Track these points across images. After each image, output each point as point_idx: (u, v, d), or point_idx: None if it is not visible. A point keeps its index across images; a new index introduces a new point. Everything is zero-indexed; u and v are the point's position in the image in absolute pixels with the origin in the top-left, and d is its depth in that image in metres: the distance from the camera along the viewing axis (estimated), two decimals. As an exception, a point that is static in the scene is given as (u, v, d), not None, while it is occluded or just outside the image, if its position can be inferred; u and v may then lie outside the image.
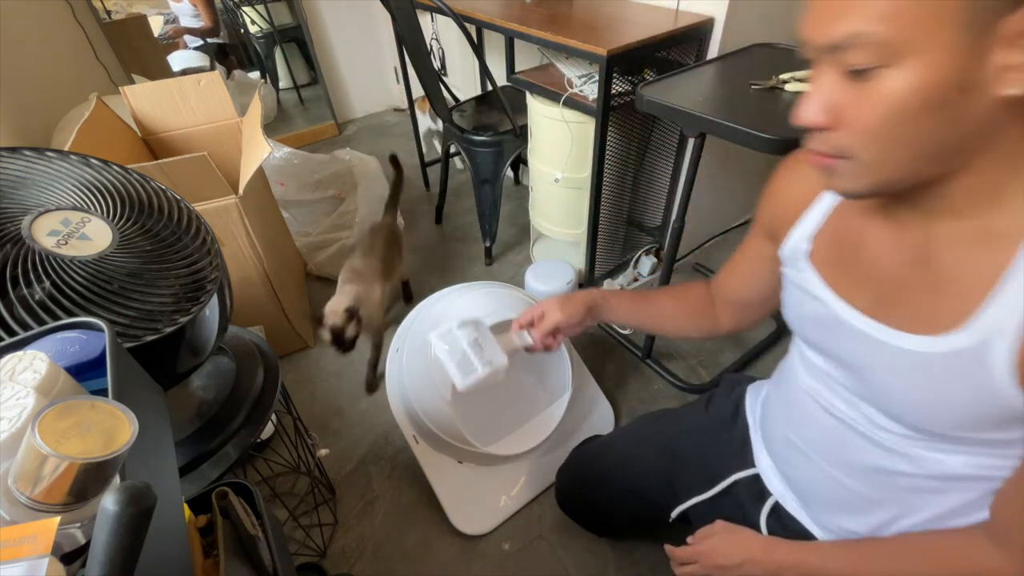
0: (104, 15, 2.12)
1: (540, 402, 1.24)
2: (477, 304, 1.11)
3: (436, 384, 1.05)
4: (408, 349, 1.15)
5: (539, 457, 1.21)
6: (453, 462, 1.15)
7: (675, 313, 0.84)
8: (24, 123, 1.76)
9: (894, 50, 0.37)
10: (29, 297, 0.53)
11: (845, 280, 0.55)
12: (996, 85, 0.36)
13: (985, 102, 0.37)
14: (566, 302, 0.80)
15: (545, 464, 1.20)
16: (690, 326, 0.84)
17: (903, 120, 0.39)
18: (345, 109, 2.97)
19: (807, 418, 0.63)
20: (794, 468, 0.67)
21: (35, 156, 0.63)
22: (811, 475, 0.64)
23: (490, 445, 1.14)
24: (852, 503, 0.60)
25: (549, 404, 1.23)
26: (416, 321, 1.19)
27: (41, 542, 0.32)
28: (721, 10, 1.29)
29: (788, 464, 0.68)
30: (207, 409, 0.79)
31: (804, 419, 0.64)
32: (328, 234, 1.86)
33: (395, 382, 1.17)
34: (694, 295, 0.84)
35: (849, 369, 0.56)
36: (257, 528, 0.63)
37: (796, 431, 0.65)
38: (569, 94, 1.31)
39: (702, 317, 0.83)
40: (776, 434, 0.70)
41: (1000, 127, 0.39)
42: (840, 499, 0.62)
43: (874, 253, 0.52)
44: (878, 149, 0.41)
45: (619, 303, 0.84)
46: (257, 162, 1.18)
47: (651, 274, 1.73)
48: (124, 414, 0.37)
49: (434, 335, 0.78)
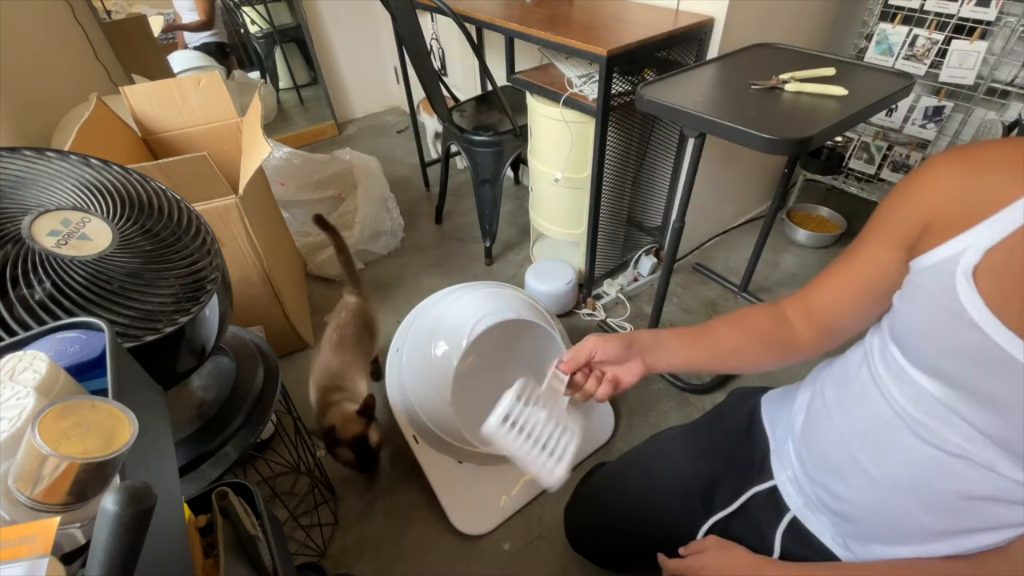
0: (104, 15, 2.12)
1: None
2: (476, 304, 1.11)
3: (436, 384, 1.05)
4: (408, 349, 1.14)
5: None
6: (453, 462, 1.15)
7: (746, 346, 0.71)
8: (24, 123, 1.76)
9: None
10: (29, 297, 0.53)
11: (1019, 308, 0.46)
12: None
13: None
14: (605, 336, 0.67)
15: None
16: (767, 358, 0.71)
17: None
18: (345, 109, 2.98)
19: (899, 447, 0.56)
20: (851, 491, 0.61)
21: (35, 156, 0.63)
22: (875, 503, 0.58)
23: (490, 445, 1.13)
24: (911, 533, 0.56)
25: None
26: (416, 321, 1.19)
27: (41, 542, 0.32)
28: (721, 10, 1.29)
29: (843, 485, 0.61)
30: (207, 409, 0.79)
31: (893, 448, 0.56)
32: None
33: (395, 382, 1.17)
34: (759, 319, 0.71)
35: (989, 408, 0.48)
36: (257, 528, 0.63)
37: (876, 460, 0.58)
38: (569, 94, 1.31)
39: (776, 345, 0.70)
40: (831, 453, 0.63)
41: None
42: (899, 528, 0.57)
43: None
44: None
45: (673, 339, 0.70)
46: (257, 162, 1.18)
47: (651, 274, 1.74)
48: (124, 414, 0.37)
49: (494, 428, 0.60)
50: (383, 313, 1.69)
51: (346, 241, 1.80)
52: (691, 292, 1.73)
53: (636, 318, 1.64)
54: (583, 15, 1.40)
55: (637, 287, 1.73)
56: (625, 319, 1.63)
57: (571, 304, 1.65)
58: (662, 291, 1.30)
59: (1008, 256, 0.46)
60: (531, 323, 1.11)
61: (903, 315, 0.55)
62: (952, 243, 0.50)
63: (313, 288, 1.81)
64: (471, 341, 1.02)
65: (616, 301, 1.69)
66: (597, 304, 1.66)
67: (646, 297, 1.72)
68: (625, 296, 1.69)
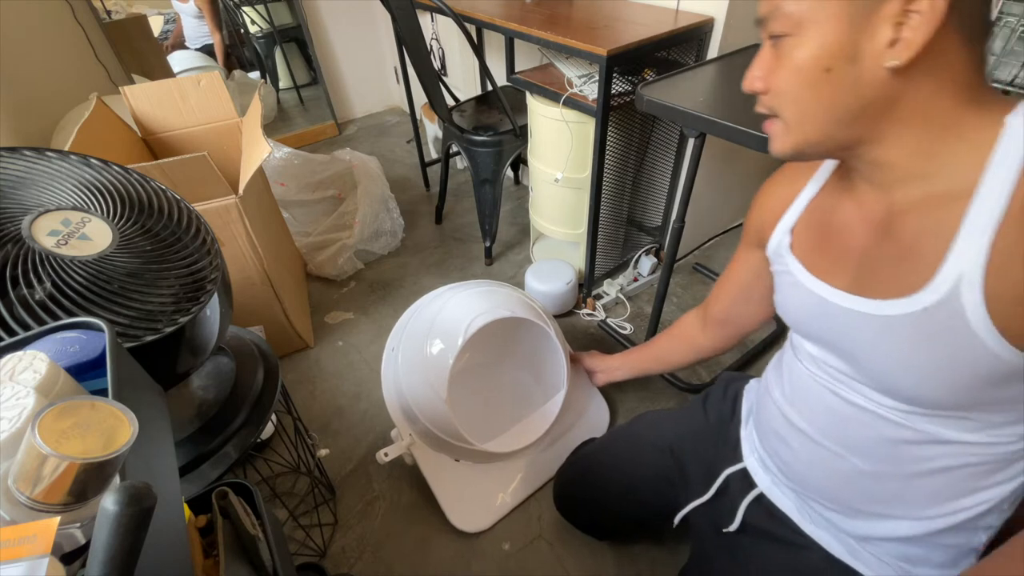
0: (104, 15, 2.12)
1: (536, 399, 1.25)
2: (472, 303, 1.10)
3: (432, 382, 1.04)
4: (404, 348, 1.14)
5: (536, 454, 1.21)
6: (450, 460, 1.15)
7: (670, 348, 1.03)
8: (24, 123, 1.76)
9: (796, 21, 0.45)
10: (29, 297, 0.53)
11: (824, 264, 0.59)
12: (883, 58, 0.42)
13: (877, 73, 0.43)
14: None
15: (542, 461, 1.21)
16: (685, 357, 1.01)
17: (806, 82, 0.46)
18: (345, 109, 2.97)
19: (815, 402, 0.63)
20: (794, 453, 0.67)
21: (35, 156, 0.63)
22: (812, 457, 0.64)
23: (486, 443, 1.14)
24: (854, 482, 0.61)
25: (545, 401, 1.23)
26: (411, 320, 1.19)
27: (41, 542, 0.32)
28: (721, 10, 1.29)
29: (787, 448, 0.68)
30: (207, 409, 0.79)
31: (811, 403, 0.64)
32: (328, 234, 1.86)
33: (391, 381, 1.17)
34: (682, 323, 0.99)
35: (842, 353, 0.58)
36: (257, 528, 0.63)
37: (803, 416, 0.65)
38: (569, 94, 1.31)
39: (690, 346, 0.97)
40: (774, 423, 0.70)
41: (903, 96, 0.44)
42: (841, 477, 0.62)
43: (845, 234, 0.56)
44: (793, 108, 0.49)
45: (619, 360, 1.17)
46: (257, 162, 1.18)
47: (651, 274, 1.74)
48: (124, 414, 0.37)
49: None
50: (383, 313, 1.69)
51: (346, 241, 1.80)
52: (691, 292, 1.73)
53: (636, 318, 1.64)
54: (583, 15, 1.40)
55: (637, 287, 1.73)
56: (625, 319, 1.63)
57: (571, 304, 1.65)
58: (662, 291, 1.30)
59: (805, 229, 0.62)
60: (527, 321, 1.11)
61: (777, 297, 0.68)
62: (775, 232, 0.65)
63: (313, 288, 1.81)
64: (467, 339, 1.02)
65: (616, 301, 1.69)
66: (597, 304, 1.66)
67: (646, 297, 1.72)
68: (625, 296, 1.69)
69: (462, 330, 1.03)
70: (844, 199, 0.57)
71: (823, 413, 0.62)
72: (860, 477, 0.60)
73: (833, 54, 0.44)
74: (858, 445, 0.59)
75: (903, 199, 0.49)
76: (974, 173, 0.44)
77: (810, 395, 0.64)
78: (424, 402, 1.07)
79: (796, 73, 0.46)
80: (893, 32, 0.41)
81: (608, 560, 1.08)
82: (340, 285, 1.82)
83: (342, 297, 1.77)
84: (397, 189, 2.10)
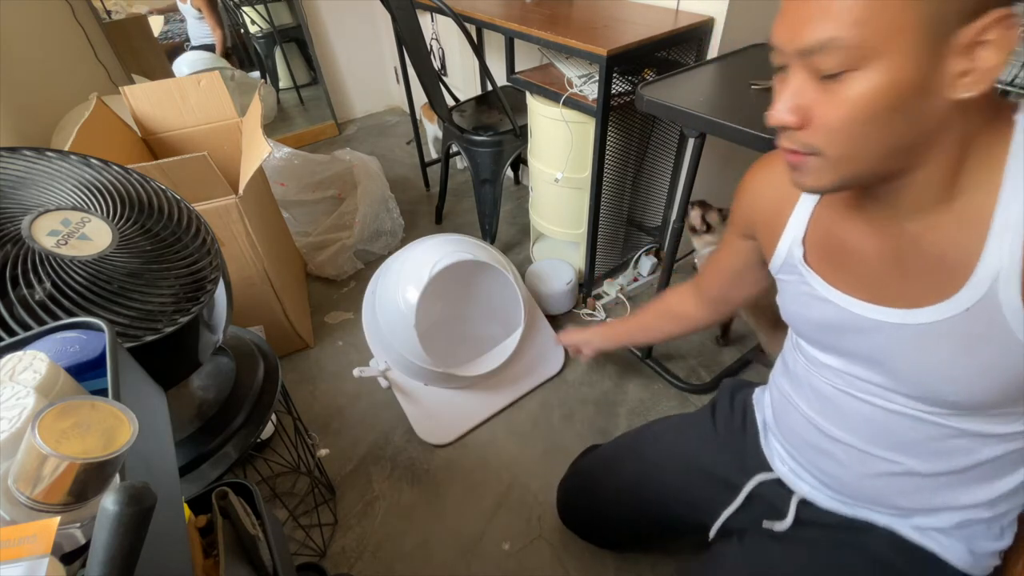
0: (104, 15, 2.12)
1: (497, 335, 1.43)
2: (434, 250, 1.27)
3: (402, 311, 1.21)
4: (380, 289, 1.33)
5: (495, 382, 1.40)
6: (420, 385, 1.35)
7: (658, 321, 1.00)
8: (24, 123, 1.76)
9: (862, 55, 0.40)
10: (29, 297, 0.53)
11: (844, 277, 0.56)
12: (951, 89, 0.40)
13: (941, 104, 0.41)
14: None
15: (497, 385, 1.40)
16: (679, 328, 0.98)
17: (867, 120, 0.42)
18: (345, 109, 2.97)
19: (851, 413, 0.61)
20: (843, 466, 0.64)
21: (35, 156, 0.63)
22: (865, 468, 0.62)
23: (451, 368, 1.31)
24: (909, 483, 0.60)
25: (504, 337, 1.41)
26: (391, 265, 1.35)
27: (41, 542, 0.32)
28: (721, 10, 1.29)
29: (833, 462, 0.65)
30: (207, 409, 0.79)
31: (847, 414, 0.61)
32: (328, 234, 1.86)
33: (371, 318, 1.36)
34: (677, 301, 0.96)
35: (872, 364, 0.56)
36: (257, 528, 0.63)
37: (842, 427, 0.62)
38: (569, 94, 1.31)
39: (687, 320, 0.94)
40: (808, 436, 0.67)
41: (951, 125, 0.43)
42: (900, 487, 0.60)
43: (860, 251, 0.54)
44: (844, 146, 0.44)
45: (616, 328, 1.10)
46: (257, 162, 1.18)
47: (651, 274, 1.74)
48: (124, 414, 0.37)
49: None
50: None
51: (346, 241, 1.80)
52: (691, 292, 1.73)
53: (636, 318, 1.64)
54: (583, 15, 1.40)
55: (637, 287, 1.73)
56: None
57: (571, 304, 1.65)
58: (662, 291, 1.30)
59: (817, 242, 0.58)
60: (487, 265, 1.30)
61: (784, 309, 0.65)
62: (781, 243, 0.62)
63: (313, 288, 1.81)
64: (434, 274, 1.20)
65: (616, 301, 1.69)
66: (597, 304, 1.66)
67: (646, 297, 1.72)
68: (625, 296, 1.69)
69: (428, 267, 1.22)
70: (853, 217, 0.55)
71: (863, 423, 0.60)
72: (918, 479, 0.58)
73: (904, 89, 0.40)
74: (910, 447, 0.57)
75: (919, 224, 0.48)
76: (995, 174, 0.44)
77: (842, 407, 0.61)
78: (397, 331, 1.24)
79: (855, 109, 0.41)
80: (966, 63, 0.39)
81: (608, 560, 1.08)
82: (340, 285, 1.82)
83: (342, 297, 1.77)
84: (397, 189, 2.10)
